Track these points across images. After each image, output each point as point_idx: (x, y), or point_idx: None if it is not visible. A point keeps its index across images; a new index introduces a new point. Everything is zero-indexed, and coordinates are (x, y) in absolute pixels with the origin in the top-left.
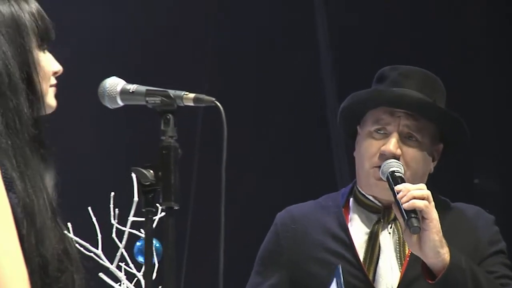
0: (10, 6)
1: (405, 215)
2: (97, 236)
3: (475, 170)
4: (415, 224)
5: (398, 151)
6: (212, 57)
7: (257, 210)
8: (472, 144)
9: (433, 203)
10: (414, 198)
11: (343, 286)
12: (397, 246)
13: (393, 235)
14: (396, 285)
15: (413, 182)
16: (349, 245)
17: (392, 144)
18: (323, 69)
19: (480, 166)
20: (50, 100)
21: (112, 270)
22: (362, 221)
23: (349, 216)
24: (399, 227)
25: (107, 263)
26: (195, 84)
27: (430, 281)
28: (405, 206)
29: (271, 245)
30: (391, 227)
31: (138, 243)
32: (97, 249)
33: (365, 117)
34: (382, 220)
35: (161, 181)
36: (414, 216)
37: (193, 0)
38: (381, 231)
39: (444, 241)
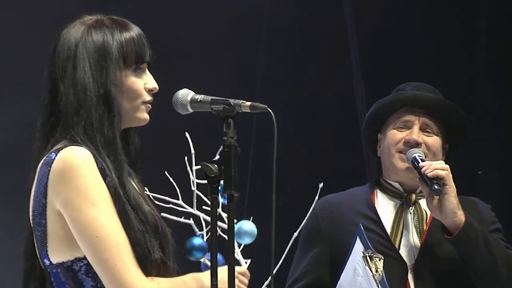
0: (103, 35)
1: (428, 182)
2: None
3: (478, 163)
4: (437, 188)
5: (420, 139)
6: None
7: (300, 198)
8: (476, 142)
9: (450, 174)
10: (436, 169)
11: (367, 240)
12: (417, 224)
13: (413, 215)
14: (417, 253)
15: None
16: (377, 221)
17: (415, 133)
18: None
19: (482, 160)
20: (141, 114)
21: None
22: (388, 204)
23: (376, 201)
24: (418, 209)
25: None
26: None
27: (448, 237)
28: (429, 175)
29: (311, 225)
30: (412, 209)
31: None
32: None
33: (386, 122)
34: (404, 203)
35: (223, 173)
36: (436, 182)
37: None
38: (404, 212)
39: (460, 205)
